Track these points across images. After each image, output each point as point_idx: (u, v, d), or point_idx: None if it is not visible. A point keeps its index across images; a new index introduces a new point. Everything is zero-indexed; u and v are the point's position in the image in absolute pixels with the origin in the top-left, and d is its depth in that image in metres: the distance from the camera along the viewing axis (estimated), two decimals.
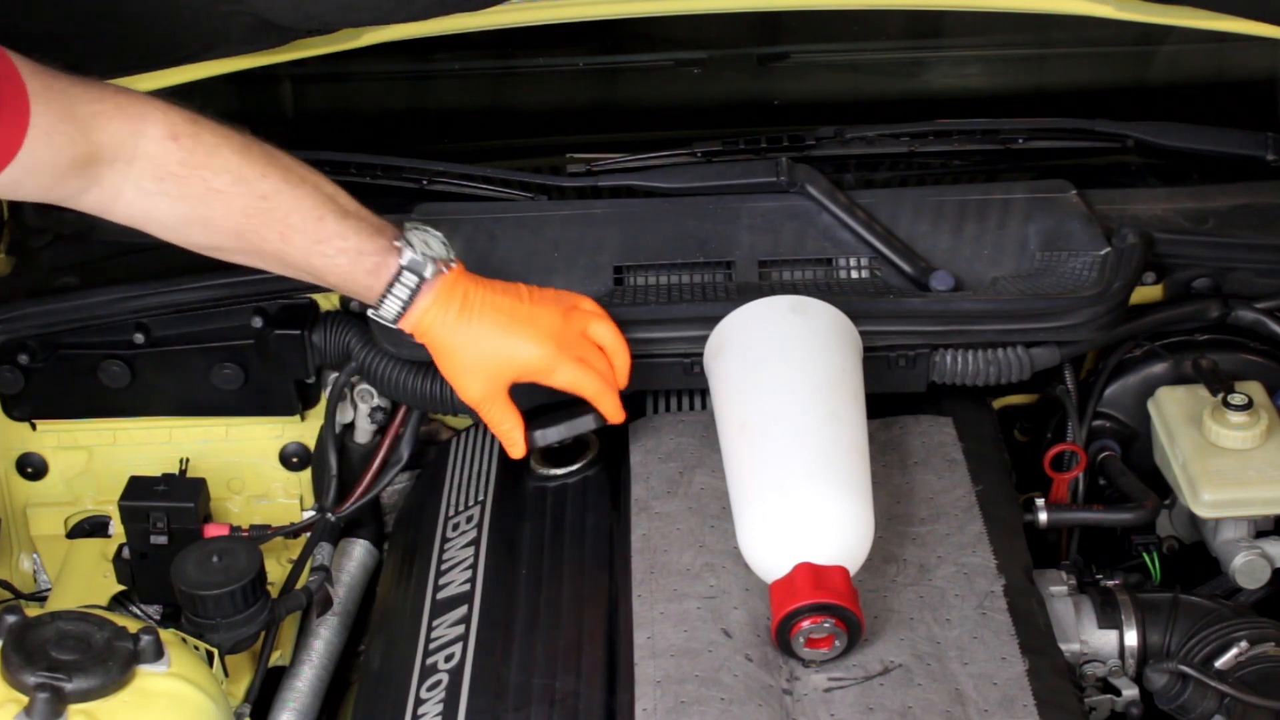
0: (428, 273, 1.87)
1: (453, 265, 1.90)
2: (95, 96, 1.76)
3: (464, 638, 1.81)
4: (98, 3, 2.08)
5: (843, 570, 1.70)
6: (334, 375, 2.23)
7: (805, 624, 1.66)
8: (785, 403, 1.83)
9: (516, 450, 1.96)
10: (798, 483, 1.75)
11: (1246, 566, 1.99)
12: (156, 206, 1.82)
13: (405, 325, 1.89)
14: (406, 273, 1.86)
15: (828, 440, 1.79)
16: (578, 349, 1.92)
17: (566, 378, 1.92)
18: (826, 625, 1.66)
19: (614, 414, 1.96)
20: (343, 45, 2.24)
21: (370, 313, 1.91)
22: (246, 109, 2.70)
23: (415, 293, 1.87)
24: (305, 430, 2.30)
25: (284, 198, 1.83)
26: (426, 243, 1.89)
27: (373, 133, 2.67)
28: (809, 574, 1.68)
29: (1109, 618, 1.87)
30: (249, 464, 2.31)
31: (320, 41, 2.23)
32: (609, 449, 2.06)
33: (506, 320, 1.89)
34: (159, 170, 1.79)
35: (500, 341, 1.89)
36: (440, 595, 1.90)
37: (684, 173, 2.30)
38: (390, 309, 1.87)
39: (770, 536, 1.74)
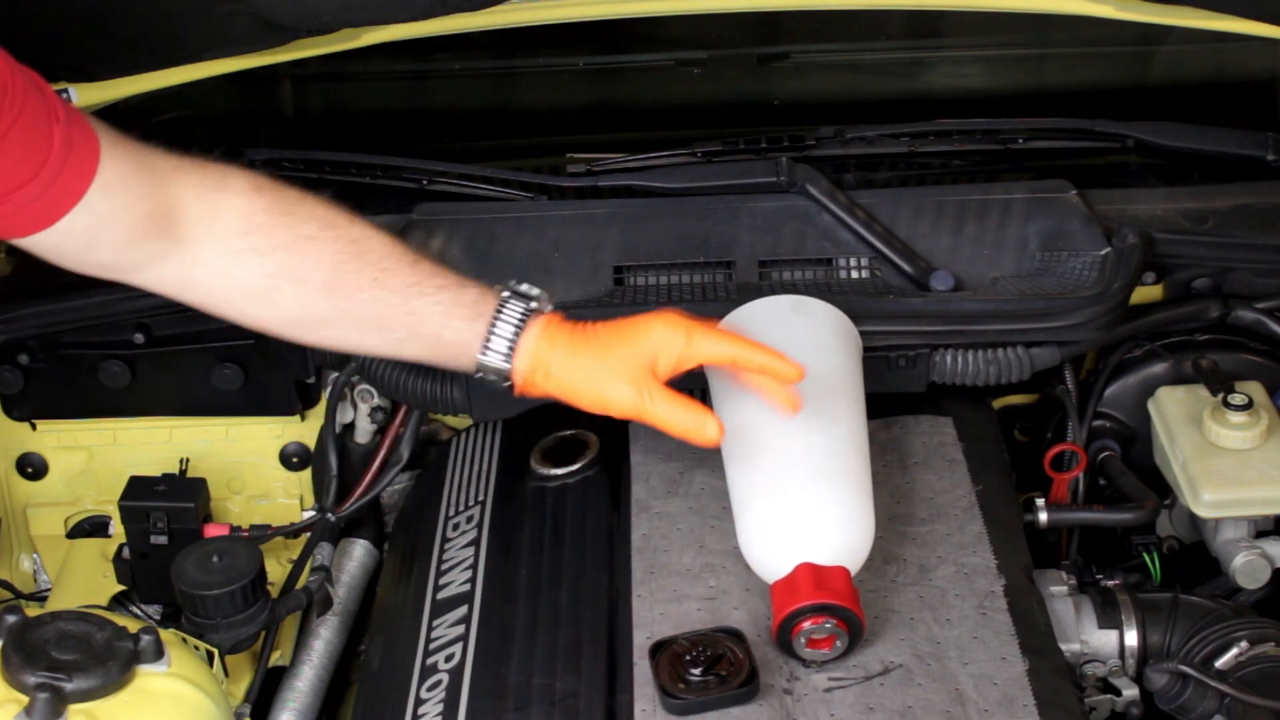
0: (534, 304, 1.77)
1: (550, 308, 1.80)
2: (172, 156, 1.73)
3: (464, 638, 1.81)
4: (97, 3, 2.08)
5: (844, 571, 1.70)
6: (334, 375, 2.23)
7: (806, 624, 1.66)
8: None
9: (712, 431, 1.75)
10: (799, 484, 1.75)
11: (1246, 566, 1.99)
12: (245, 267, 1.73)
13: (518, 363, 1.75)
14: (513, 300, 1.76)
15: (828, 441, 1.79)
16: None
17: (710, 344, 1.76)
18: (828, 626, 1.66)
19: (788, 369, 1.76)
20: (343, 45, 2.24)
21: (479, 359, 1.76)
22: (246, 109, 2.71)
23: (525, 320, 1.75)
24: (305, 430, 2.30)
25: (375, 241, 1.76)
26: (521, 284, 1.80)
27: (373, 133, 2.67)
28: (810, 574, 1.68)
29: (1109, 618, 1.87)
30: (249, 464, 2.31)
31: (320, 41, 2.23)
32: (609, 449, 2.06)
33: (620, 323, 1.78)
34: (245, 222, 1.72)
35: (629, 332, 1.76)
36: (440, 595, 1.90)
37: (684, 173, 2.30)
38: (498, 347, 1.75)
39: (771, 537, 1.74)
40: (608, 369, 1.75)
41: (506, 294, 1.77)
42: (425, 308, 1.75)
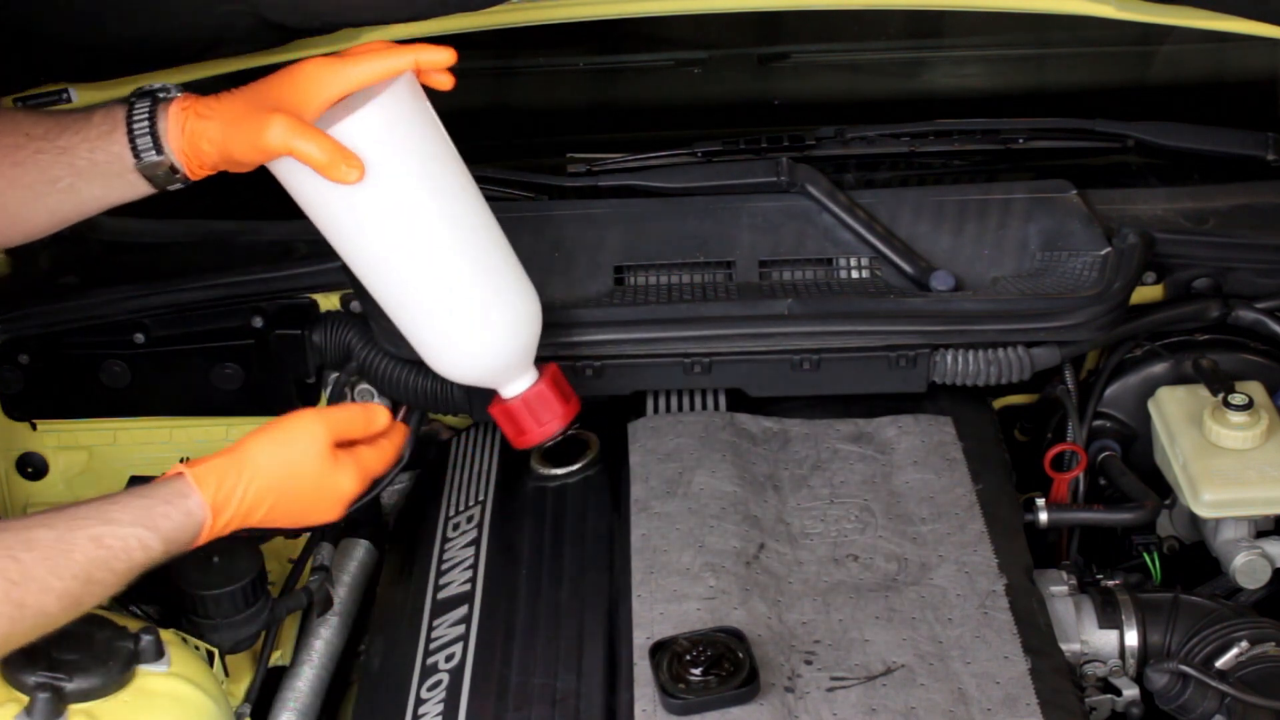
0: (161, 94, 1.77)
1: (179, 93, 1.79)
2: None
3: (464, 638, 1.81)
4: (97, 4, 2.08)
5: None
6: (334, 375, 2.22)
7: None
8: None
9: (353, 173, 1.69)
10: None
11: (1247, 566, 1.99)
12: None
13: (173, 145, 1.74)
14: (138, 100, 1.76)
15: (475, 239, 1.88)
16: None
17: (364, 65, 1.74)
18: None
19: (440, 55, 1.82)
20: (343, 45, 2.24)
21: (137, 164, 1.75)
22: None
23: (156, 109, 1.75)
24: None
25: (22, 112, 1.81)
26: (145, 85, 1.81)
27: None
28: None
29: (1109, 618, 1.87)
30: None
31: (320, 41, 2.22)
32: (609, 449, 2.06)
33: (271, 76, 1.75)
34: None
35: (277, 76, 1.74)
36: (441, 595, 1.90)
37: (684, 173, 2.30)
38: (145, 145, 1.74)
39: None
40: (261, 111, 1.70)
41: (131, 98, 1.77)
42: (72, 144, 1.76)
